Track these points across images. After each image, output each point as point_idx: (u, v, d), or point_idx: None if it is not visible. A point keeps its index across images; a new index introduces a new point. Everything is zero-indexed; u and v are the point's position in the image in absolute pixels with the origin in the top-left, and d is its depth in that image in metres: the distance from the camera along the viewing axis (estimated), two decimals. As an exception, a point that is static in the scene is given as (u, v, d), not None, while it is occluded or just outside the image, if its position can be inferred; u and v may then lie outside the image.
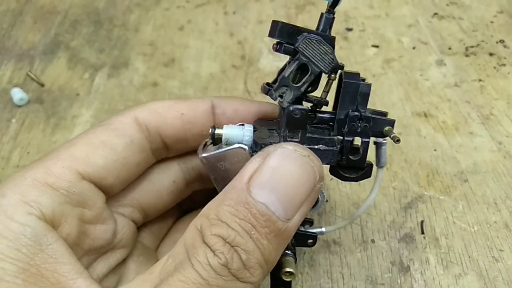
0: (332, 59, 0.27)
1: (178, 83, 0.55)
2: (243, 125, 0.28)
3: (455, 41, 0.59)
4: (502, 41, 0.58)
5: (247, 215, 0.23)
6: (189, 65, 0.57)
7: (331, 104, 0.30)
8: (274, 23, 0.27)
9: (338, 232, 0.39)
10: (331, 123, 0.29)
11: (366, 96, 0.28)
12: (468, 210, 0.40)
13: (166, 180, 0.32)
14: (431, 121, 0.49)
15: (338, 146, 0.28)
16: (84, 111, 0.52)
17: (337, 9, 0.27)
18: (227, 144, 0.28)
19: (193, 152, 0.32)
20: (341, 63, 0.28)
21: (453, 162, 0.44)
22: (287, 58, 0.28)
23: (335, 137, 0.28)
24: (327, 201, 0.41)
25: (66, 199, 0.26)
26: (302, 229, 0.31)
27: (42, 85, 0.55)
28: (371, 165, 0.29)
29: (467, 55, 0.57)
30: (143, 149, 0.30)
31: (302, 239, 0.31)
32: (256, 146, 0.27)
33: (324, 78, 0.28)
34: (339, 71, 0.28)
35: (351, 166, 0.28)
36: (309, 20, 0.63)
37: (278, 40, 0.27)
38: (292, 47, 0.27)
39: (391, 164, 0.44)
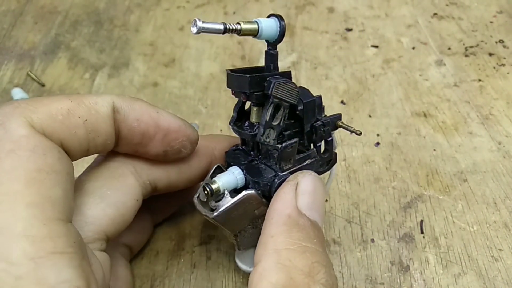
0: (297, 92, 0.29)
1: (178, 83, 0.55)
2: (219, 167, 0.30)
3: (454, 41, 0.59)
4: (501, 41, 0.59)
5: (315, 235, 0.27)
6: (189, 65, 0.57)
7: None
8: (240, 77, 0.28)
9: (338, 232, 0.39)
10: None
11: (320, 106, 0.32)
12: (468, 210, 0.40)
13: (129, 202, 0.29)
14: (431, 121, 0.49)
15: (317, 155, 0.32)
16: (85, 111, 0.52)
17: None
18: (231, 195, 0.29)
19: (140, 159, 0.30)
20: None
21: (452, 162, 0.44)
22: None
23: (314, 149, 0.32)
24: (326, 200, 0.41)
25: (80, 260, 0.23)
26: None
27: (43, 85, 0.55)
28: (335, 154, 0.34)
29: (466, 55, 0.57)
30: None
31: None
32: (258, 185, 0.30)
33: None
34: None
35: (324, 162, 0.33)
36: (308, 21, 0.63)
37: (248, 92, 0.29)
38: (261, 93, 0.28)
39: (391, 164, 0.44)
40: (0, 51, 0.60)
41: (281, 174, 0.30)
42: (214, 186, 0.29)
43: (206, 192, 0.29)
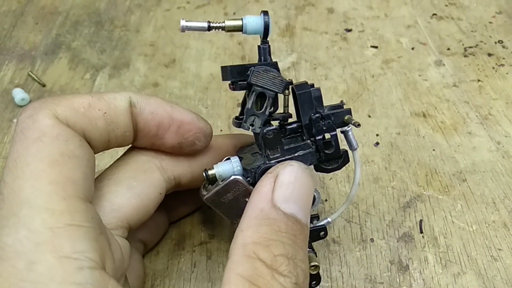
0: (281, 80, 0.30)
1: (179, 84, 0.55)
2: (229, 158, 0.32)
3: (453, 42, 0.59)
4: (500, 42, 0.59)
5: (288, 228, 0.26)
6: (190, 66, 0.57)
7: (294, 115, 0.33)
8: (223, 68, 0.31)
9: (338, 231, 0.39)
10: (300, 130, 0.32)
11: (319, 99, 0.31)
12: (467, 210, 0.40)
13: (153, 194, 0.31)
14: (430, 121, 0.49)
15: (313, 146, 0.31)
16: (85, 111, 0.52)
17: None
18: (223, 180, 0.31)
19: (163, 154, 0.33)
20: (289, 79, 0.31)
21: (451, 161, 0.45)
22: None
23: (308, 141, 0.32)
24: (326, 200, 0.42)
25: (97, 235, 0.24)
26: (312, 225, 0.34)
27: (44, 85, 0.55)
28: (346, 151, 0.33)
29: (465, 56, 0.57)
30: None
31: (315, 234, 0.34)
32: (247, 172, 0.31)
33: (280, 97, 0.31)
34: (290, 86, 0.31)
35: (330, 159, 0.32)
36: (308, 21, 0.63)
37: (232, 81, 0.31)
38: (246, 83, 0.30)
39: (390, 164, 0.45)
40: (1, 52, 0.60)
41: (268, 162, 0.30)
42: (210, 172, 0.31)
43: (204, 177, 0.31)
